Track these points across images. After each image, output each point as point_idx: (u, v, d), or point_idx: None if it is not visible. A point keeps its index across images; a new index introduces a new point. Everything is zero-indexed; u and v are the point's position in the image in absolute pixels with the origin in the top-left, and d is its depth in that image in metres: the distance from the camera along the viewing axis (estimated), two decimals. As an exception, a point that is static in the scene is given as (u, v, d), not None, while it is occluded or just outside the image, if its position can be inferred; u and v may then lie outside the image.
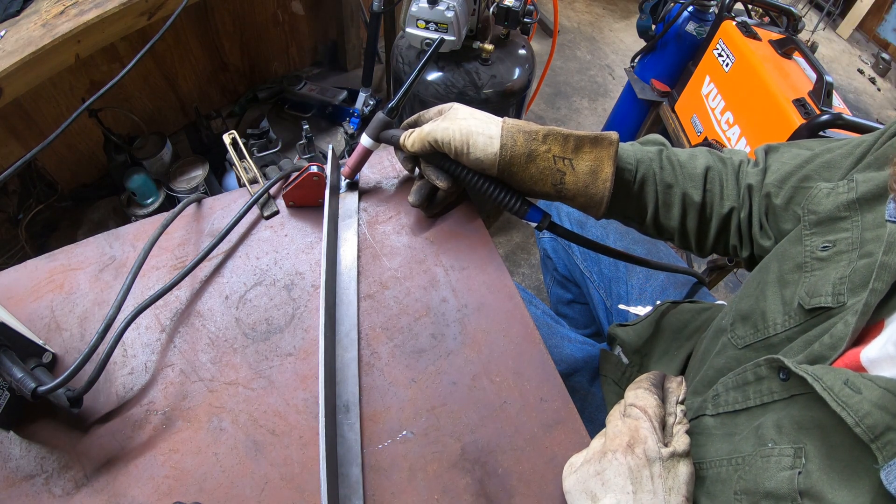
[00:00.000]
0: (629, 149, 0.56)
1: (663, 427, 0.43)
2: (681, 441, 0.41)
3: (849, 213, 0.42)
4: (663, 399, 0.45)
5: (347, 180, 0.64)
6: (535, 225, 0.55)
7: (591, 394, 0.74)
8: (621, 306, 0.85)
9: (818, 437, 0.36)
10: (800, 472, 0.35)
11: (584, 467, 0.42)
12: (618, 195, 0.55)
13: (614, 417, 0.44)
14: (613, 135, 0.52)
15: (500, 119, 0.53)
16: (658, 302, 0.80)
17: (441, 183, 0.56)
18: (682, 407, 0.45)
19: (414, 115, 0.59)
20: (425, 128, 0.54)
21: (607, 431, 0.43)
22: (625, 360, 0.74)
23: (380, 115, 0.58)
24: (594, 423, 0.72)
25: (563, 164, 0.51)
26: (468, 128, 0.51)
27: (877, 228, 0.40)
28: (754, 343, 0.46)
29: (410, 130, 0.55)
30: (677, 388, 0.46)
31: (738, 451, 0.41)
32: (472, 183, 0.55)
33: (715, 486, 0.42)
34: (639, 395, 0.44)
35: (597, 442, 0.43)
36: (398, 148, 0.57)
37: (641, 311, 0.81)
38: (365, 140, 0.57)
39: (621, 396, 0.70)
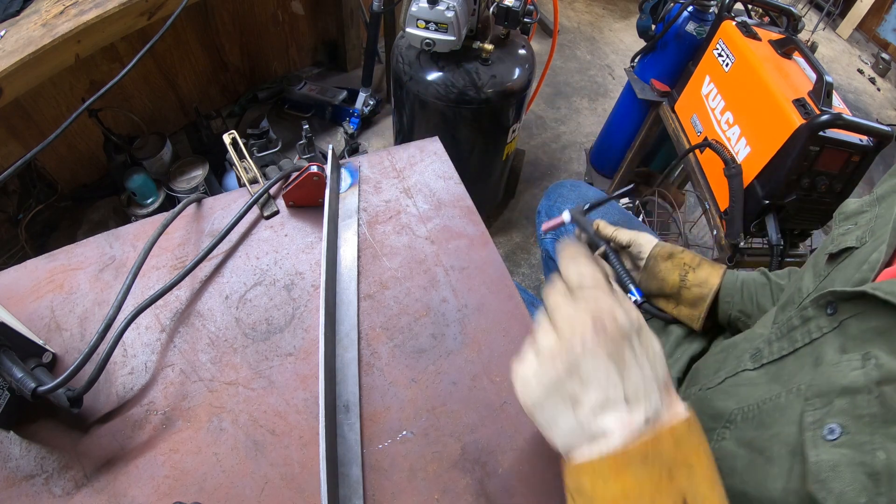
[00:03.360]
0: (734, 271, 0.72)
1: None
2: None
3: (869, 208, 0.50)
4: None
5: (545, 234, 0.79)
6: (634, 299, 0.74)
7: None
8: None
9: (884, 342, 0.37)
10: (874, 366, 0.35)
11: (547, 373, 0.34)
12: (727, 295, 0.69)
13: (559, 304, 0.36)
14: (723, 265, 0.72)
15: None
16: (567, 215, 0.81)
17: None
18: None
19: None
20: (624, 232, 0.78)
21: (556, 321, 0.35)
22: None
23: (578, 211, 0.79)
24: None
25: (687, 268, 0.71)
26: (644, 235, 0.77)
27: (891, 205, 0.47)
28: (791, 318, 0.49)
29: (606, 225, 0.79)
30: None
31: (800, 381, 0.42)
32: (614, 261, 0.78)
33: (772, 415, 0.43)
34: (582, 270, 0.37)
35: (544, 341, 0.35)
36: (586, 230, 0.78)
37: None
38: (566, 216, 0.77)
39: None
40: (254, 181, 0.65)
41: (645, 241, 0.76)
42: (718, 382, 0.52)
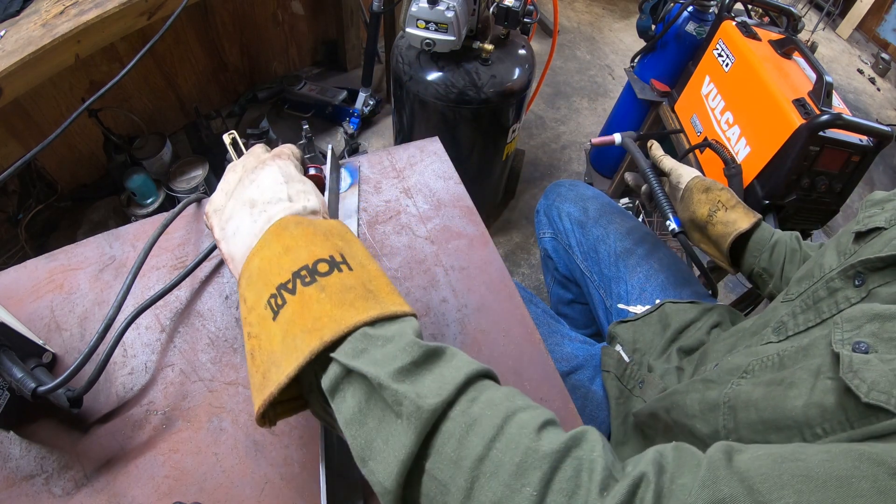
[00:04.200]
0: (771, 227, 0.73)
1: None
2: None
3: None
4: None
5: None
6: (672, 227, 0.75)
7: (591, 391, 0.74)
8: (620, 306, 0.85)
9: None
10: None
11: (229, 183, 0.42)
12: (756, 248, 0.71)
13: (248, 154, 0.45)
14: (759, 215, 0.71)
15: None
16: (658, 301, 0.80)
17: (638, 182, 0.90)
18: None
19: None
20: (669, 159, 0.84)
21: (238, 163, 0.44)
22: (626, 357, 0.74)
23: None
24: (594, 421, 0.72)
25: (721, 206, 0.71)
26: (686, 168, 0.82)
27: None
28: (808, 290, 0.49)
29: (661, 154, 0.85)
30: None
31: (826, 337, 0.41)
32: (657, 188, 0.81)
33: (794, 357, 0.43)
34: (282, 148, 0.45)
35: (230, 177, 0.43)
36: (634, 153, 0.84)
37: (640, 310, 0.81)
38: (617, 137, 0.83)
39: (623, 393, 0.70)
40: (254, 181, 0.65)
41: (685, 172, 0.79)
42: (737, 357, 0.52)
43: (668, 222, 0.75)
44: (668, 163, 0.82)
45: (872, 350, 0.35)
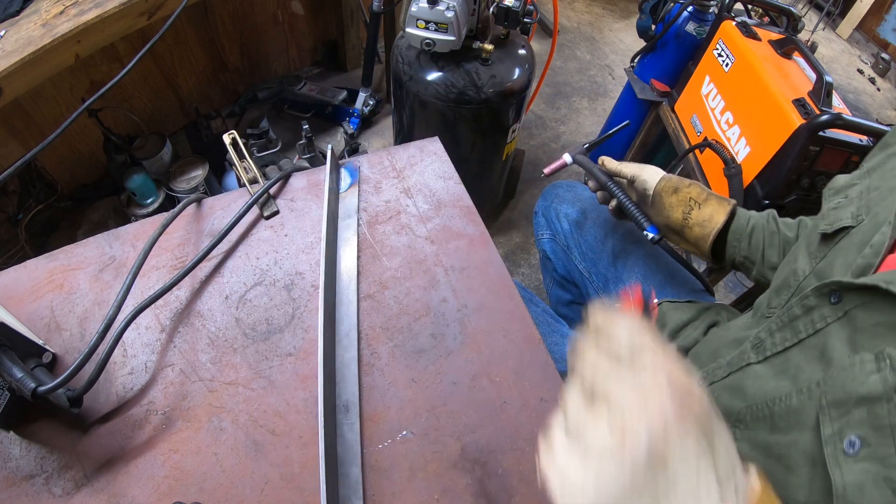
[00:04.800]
0: (747, 212, 0.71)
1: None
2: None
3: (859, 181, 0.49)
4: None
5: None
6: (651, 237, 0.72)
7: None
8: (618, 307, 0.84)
9: (893, 338, 0.35)
10: (890, 370, 0.34)
11: (611, 481, 0.25)
12: (734, 238, 0.69)
13: (607, 373, 0.28)
14: (733, 200, 0.70)
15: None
16: (655, 301, 0.80)
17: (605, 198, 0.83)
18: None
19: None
20: (627, 165, 0.77)
21: (612, 401, 0.26)
22: None
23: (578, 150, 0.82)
24: None
25: (693, 203, 0.69)
26: (648, 169, 0.76)
27: (882, 174, 0.46)
28: (789, 300, 0.48)
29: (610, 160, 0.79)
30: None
31: (809, 379, 0.40)
32: (624, 199, 0.75)
33: (786, 419, 0.41)
34: (633, 325, 0.31)
35: (594, 433, 0.26)
36: (588, 168, 0.78)
37: None
38: (567, 157, 0.77)
39: None
40: (254, 181, 0.65)
41: (649, 176, 0.75)
42: (723, 377, 0.51)
43: (644, 232, 0.73)
44: (627, 169, 0.77)
45: (865, 444, 0.34)
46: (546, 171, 0.79)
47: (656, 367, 0.26)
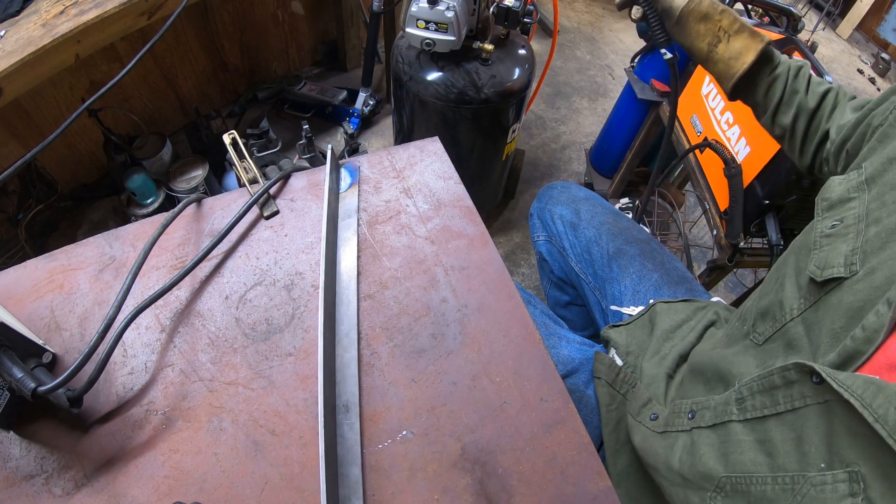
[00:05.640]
0: (778, 55, 0.66)
1: None
2: None
3: (857, 194, 0.44)
4: None
5: None
6: (667, 57, 0.69)
7: (586, 396, 0.74)
8: (614, 307, 0.84)
9: (871, 457, 0.32)
10: (863, 499, 0.32)
11: None
12: (753, 81, 0.65)
13: None
14: (767, 37, 0.63)
15: None
16: (651, 301, 0.80)
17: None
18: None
19: None
20: None
21: None
22: (619, 361, 0.73)
23: None
24: (589, 425, 0.71)
25: (723, 34, 0.63)
26: None
27: (881, 197, 0.41)
28: (774, 335, 0.45)
29: None
30: None
31: (783, 469, 0.38)
32: (651, 12, 0.69)
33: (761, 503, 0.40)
34: None
35: None
36: None
37: (634, 311, 0.81)
38: None
39: (615, 399, 0.69)
40: (254, 181, 0.65)
41: None
42: (709, 425, 0.48)
43: (663, 51, 0.68)
44: None
45: None
46: None
47: None
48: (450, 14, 1.05)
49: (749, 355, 0.48)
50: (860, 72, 2.83)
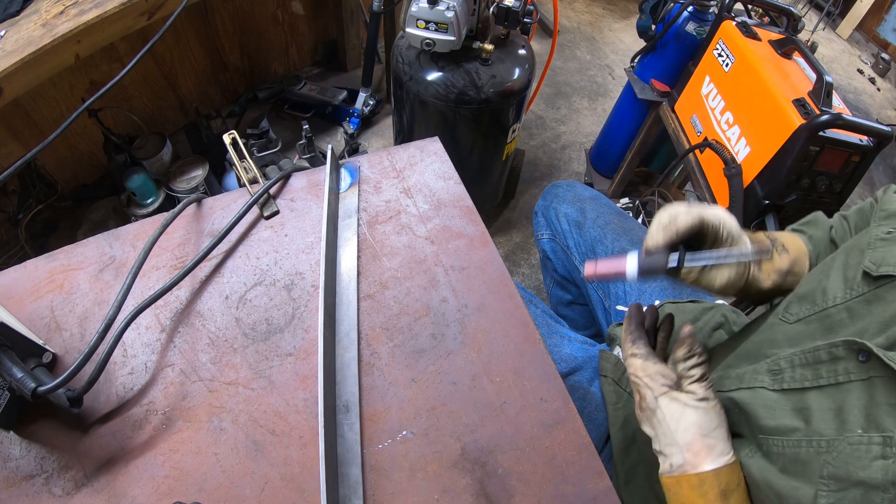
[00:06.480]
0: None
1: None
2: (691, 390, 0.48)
3: None
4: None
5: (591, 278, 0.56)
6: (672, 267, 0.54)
7: (590, 393, 0.74)
8: (619, 307, 0.84)
9: None
10: (894, 461, 0.34)
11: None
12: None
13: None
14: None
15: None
16: (657, 302, 0.80)
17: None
18: (692, 362, 0.49)
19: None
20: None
21: None
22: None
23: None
24: (593, 422, 0.72)
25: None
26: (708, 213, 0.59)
27: None
28: (809, 316, 0.47)
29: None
30: (684, 342, 0.50)
31: (820, 433, 0.40)
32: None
33: (794, 466, 0.41)
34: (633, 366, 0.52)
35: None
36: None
37: None
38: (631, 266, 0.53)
39: (621, 397, 0.70)
40: (254, 181, 0.65)
41: (728, 223, 0.54)
42: (732, 388, 0.50)
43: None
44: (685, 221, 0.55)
45: None
46: (594, 274, 0.55)
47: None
48: (450, 14, 1.05)
49: (777, 331, 0.50)
50: (860, 72, 2.83)
